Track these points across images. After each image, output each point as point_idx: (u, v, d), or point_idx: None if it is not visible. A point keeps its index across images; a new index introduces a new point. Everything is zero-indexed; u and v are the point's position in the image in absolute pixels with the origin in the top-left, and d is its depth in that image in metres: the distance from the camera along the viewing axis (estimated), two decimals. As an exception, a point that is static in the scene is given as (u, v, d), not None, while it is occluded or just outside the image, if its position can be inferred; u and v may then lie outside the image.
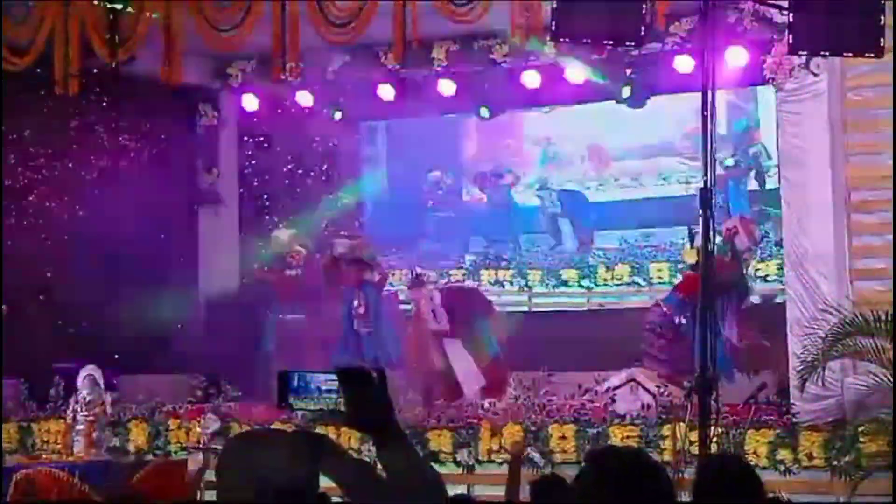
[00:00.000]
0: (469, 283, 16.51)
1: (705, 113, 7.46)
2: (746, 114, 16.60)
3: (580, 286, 16.55)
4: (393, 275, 16.03)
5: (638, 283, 16.09)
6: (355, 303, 14.48)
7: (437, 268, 16.48)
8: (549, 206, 17.64)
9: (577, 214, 17.56)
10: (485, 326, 14.38)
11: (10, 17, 13.02)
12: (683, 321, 13.05)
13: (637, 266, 16.26)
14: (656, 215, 16.74)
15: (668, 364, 12.78)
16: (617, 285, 16.33)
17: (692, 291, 13.06)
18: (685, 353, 12.80)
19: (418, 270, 15.04)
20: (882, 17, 8.08)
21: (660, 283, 15.29)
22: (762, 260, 14.82)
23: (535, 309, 16.48)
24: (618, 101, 15.01)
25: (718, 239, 12.56)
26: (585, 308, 16.34)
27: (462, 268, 17.05)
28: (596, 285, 16.48)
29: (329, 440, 3.25)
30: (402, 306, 15.45)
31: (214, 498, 3.25)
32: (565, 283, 16.63)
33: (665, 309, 13.33)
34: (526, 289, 16.77)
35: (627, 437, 11.41)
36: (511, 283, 16.78)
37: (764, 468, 10.55)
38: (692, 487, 4.56)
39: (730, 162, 16.15)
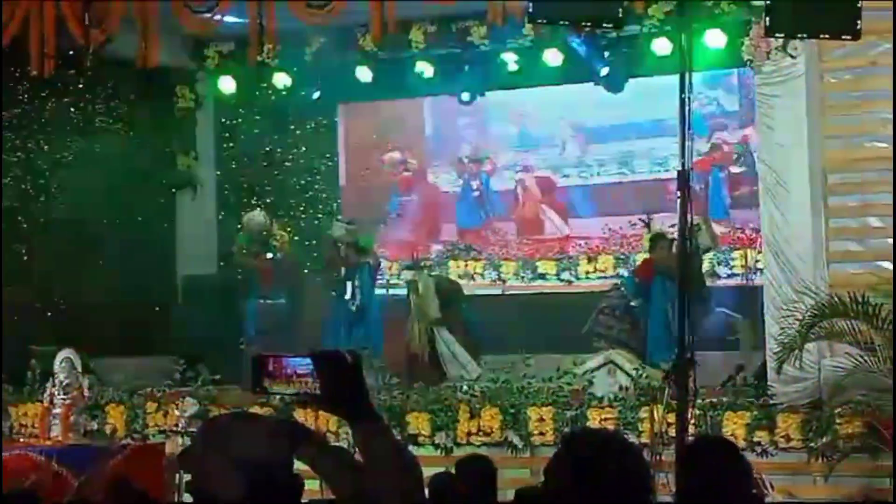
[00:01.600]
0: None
1: (683, 95, 7.48)
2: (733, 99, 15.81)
3: (559, 279, 15.79)
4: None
5: (623, 276, 14.85)
6: (348, 285, 14.43)
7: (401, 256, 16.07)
8: (525, 192, 16.89)
9: (555, 200, 16.73)
10: (470, 312, 14.47)
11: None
12: (635, 304, 13.34)
13: (622, 257, 15.41)
14: (643, 200, 15.52)
15: (622, 345, 12.97)
16: (600, 278, 15.31)
17: (647, 275, 13.35)
18: (639, 333, 13.18)
19: (418, 255, 15.09)
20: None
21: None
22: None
23: (511, 291, 16.16)
24: (596, 84, 15.04)
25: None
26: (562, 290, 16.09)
27: (428, 258, 16.19)
28: (577, 278, 15.67)
29: (305, 427, 3.25)
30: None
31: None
32: (542, 277, 15.91)
33: (623, 291, 13.54)
34: (499, 282, 16.12)
35: (605, 419, 11.43)
36: (483, 276, 16.14)
37: (741, 450, 10.57)
38: (676, 469, 4.56)
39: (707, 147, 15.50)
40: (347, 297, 14.42)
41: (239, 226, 15.71)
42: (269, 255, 15.16)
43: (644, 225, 14.55)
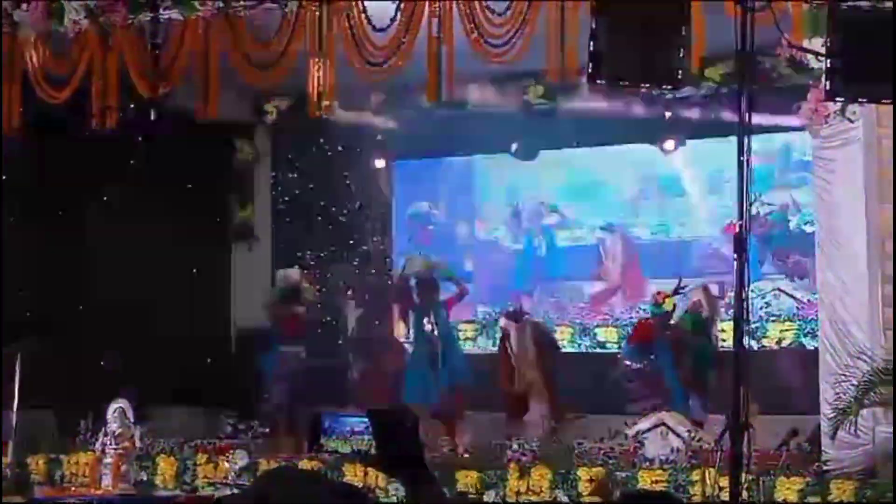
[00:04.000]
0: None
1: (741, 158, 7.47)
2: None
3: (620, 348, 14.95)
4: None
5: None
6: (426, 324, 14.09)
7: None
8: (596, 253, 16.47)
9: (620, 259, 16.33)
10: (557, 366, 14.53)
11: (50, 49, 13.12)
12: (641, 365, 13.66)
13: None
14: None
15: (659, 407, 13.07)
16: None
17: (644, 339, 13.45)
18: (654, 391, 13.47)
19: (518, 306, 15.16)
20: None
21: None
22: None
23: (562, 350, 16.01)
24: (652, 144, 15.06)
25: (682, 305, 13.78)
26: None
27: (473, 321, 16.12)
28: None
29: (359, 490, 3.25)
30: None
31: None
32: (602, 345, 15.43)
33: (628, 361, 13.85)
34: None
35: (657, 481, 11.33)
36: None
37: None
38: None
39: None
40: (427, 331, 13.98)
41: (273, 280, 15.67)
42: (298, 309, 14.99)
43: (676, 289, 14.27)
